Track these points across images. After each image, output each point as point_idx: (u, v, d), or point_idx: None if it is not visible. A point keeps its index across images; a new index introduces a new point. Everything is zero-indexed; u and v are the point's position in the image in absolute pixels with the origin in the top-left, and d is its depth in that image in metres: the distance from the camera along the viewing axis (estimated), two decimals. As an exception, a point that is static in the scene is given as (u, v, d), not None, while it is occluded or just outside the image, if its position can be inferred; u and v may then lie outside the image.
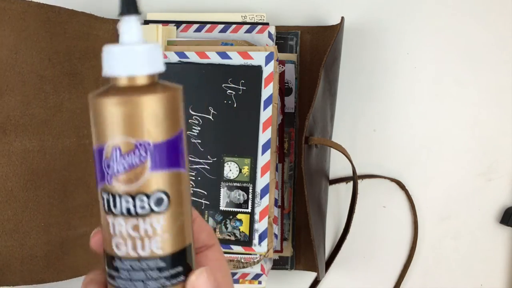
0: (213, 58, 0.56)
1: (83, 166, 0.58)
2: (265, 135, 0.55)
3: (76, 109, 0.57)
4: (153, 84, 0.28)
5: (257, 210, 0.55)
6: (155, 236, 0.28)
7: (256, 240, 0.55)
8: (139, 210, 0.27)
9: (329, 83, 0.57)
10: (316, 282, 0.62)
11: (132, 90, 0.27)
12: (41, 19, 0.53)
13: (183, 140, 0.28)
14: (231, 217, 0.56)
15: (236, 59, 0.56)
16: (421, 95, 0.62)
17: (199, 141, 0.56)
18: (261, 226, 0.55)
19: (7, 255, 0.52)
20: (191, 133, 0.56)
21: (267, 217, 0.55)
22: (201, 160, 0.56)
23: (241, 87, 0.56)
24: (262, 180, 0.55)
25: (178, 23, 0.60)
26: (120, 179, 0.27)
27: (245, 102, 0.55)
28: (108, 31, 0.59)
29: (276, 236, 0.57)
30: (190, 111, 0.57)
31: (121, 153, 0.27)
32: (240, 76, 0.55)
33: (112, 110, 0.26)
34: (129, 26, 0.27)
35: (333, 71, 0.58)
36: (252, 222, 0.55)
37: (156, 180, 0.27)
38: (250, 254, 0.55)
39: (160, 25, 0.57)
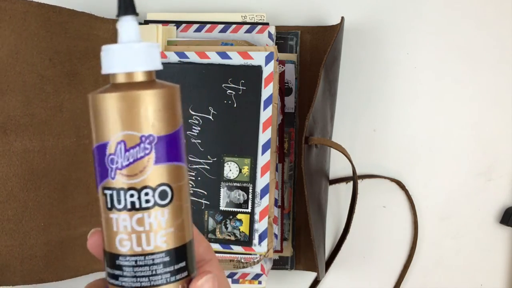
0: (213, 58, 0.56)
1: (83, 166, 0.58)
2: (265, 135, 0.55)
3: (76, 109, 0.57)
4: (152, 81, 0.29)
5: (257, 210, 0.55)
6: (160, 230, 0.28)
7: (256, 240, 0.55)
8: (144, 204, 0.28)
9: (329, 83, 0.57)
10: (316, 282, 0.62)
11: (132, 85, 0.28)
12: (42, 19, 0.53)
13: (183, 136, 0.29)
14: (231, 217, 0.56)
15: (236, 59, 0.56)
16: (421, 95, 0.62)
17: (199, 141, 0.56)
18: (261, 226, 0.55)
19: (7, 255, 0.52)
20: (191, 133, 0.56)
21: (267, 217, 0.55)
22: (201, 160, 0.56)
23: (241, 87, 0.56)
24: (262, 180, 0.55)
25: (178, 23, 0.60)
26: (125, 173, 0.27)
27: (245, 102, 0.55)
28: (108, 31, 0.59)
29: (276, 236, 0.57)
30: (190, 111, 0.57)
31: (126, 147, 0.27)
32: (240, 76, 0.55)
33: (116, 105, 0.27)
34: (127, 26, 0.28)
35: (333, 71, 0.58)
36: (252, 222, 0.55)
37: (160, 173, 0.28)
38: (250, 254, 0.55)
39: (160, 25, 0.57)
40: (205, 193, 0.56)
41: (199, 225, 0.56)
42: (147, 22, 0.60)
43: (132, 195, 0.28)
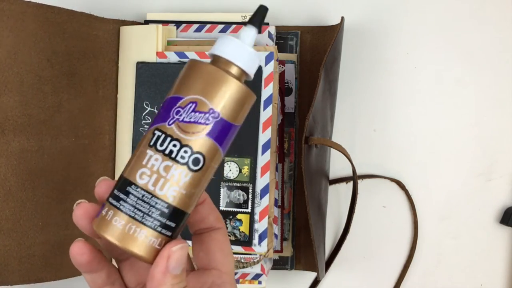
0: (213, 58, 0.56)
1: (81, 166, 0.58)
2: (265, 135, 0.55)
3: (74, 109, 0.57)
4: (241, 79, 0.33)
5: (257, 210, 0.55)
6: (176, 185, 0.31)
7: (256, 240, 0.55)
8: (178, 157, 0.31)
9: (329, 83, 0.57)
10: (316, 282, 0.62)
11: (228, 71, 0.33)
12: (40, 19, 0.53)
13: (234, 135, 0.33)
14: (231, 217, 0.56)
15: (236, 59, 0.56)
16: (421, 95, 0.62)
17: (199, 141, 0.56)
18: (261, 226, 0.55)
19: (5, 254, 0.52)
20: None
21: (267, 217, 0.55)
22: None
23: (241, 87, 0.56)
24: (262, 180, 0.55)
25: (178, 23, 0.59)
26: (181, 126, 0.31)
27: (245, 102, 0.55)
28: (107, 31, 0.59)
29: (276, 236, 0.57)
30: (190, 111, 0.57)
31: (194, 109, 0.31)
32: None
33: (211, 76, 0.32)
34: (249, 33, 0.33)
35: (333, 71, 0.57)
36: (252, 222, 0.55)
37: (205, 144, 0.32)
38: (250, 254, 0.55)
39: (160, 25, 0.57)
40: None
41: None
42: (147, 22, 0.60)
43: (174, 145, 0.31)
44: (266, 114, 0.55)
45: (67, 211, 0.56)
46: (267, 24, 0.58)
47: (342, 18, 0.57)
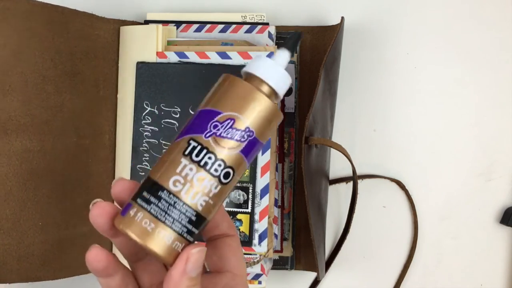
0: (213, 58, 0.56)
1: (83, 166, 0.58)
2: (265, 135, 0.55)
3: (76, 109, 0.57)
4: (272, 98, 0.35)
5: (257, 210, 0.55)
6: (205, 196, 0.33)
7: (256, 240, 0.55)
8: (211, 169, 0.33)
9: (329, 83, 0.57)
10: (316, 282, 0.62)
11: (263, 92, 0.34)
12: (45, 19, 0.53)
13: (260, 150, 0.35)
14: (231, 217, 0.56)
15: (236, 59, 0.56)
16: (421, 95, 0.62)
17: (199, 141, 0.56)
18: (261, 226, 0.55)
19: (4, 253, 0.52)
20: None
21: (267, 217, 0.55)
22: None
23: (241, 87, 0.56)
24: (262, 180, 0.55)
25: (178, 23, 0.60)
26: (218, 141, 0.33)
27: (245, 102, 0.55)
28: (109, 31, 0.59)
29: (276, 236, 0.57)
30: (190, 111, 0.57)
31: (232, 125, 0.33)
32: (240, 76, 0.55)
33: (252, 98, 0.33)
34: (283, 56, 0.35)
35: (333, 71, 0.58)
36: (252, 222, 0.55)
37: (236, 160, 0.33)
38: (250, 254, 0.55)
39: (160, 25, 0.57)
40: (205, 193, 0.56)
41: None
42: (147, 22, 0.60)
43: (210, 158, 0.32)
44: (266, 114, 0.55)
45: (67, 210, 0.56)
46: (267, 24, 0.59)
47: (342, 18, 0.57)
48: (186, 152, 0.33)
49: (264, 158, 0.55)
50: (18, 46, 0.51)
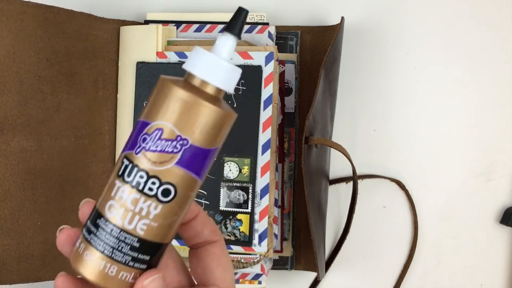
0: (213, 58, 0.56)
1: (80, 166, 0.58)
2: (265, 135, 0.55)
3: (74, 109, 0.57)
4: (218, 99, 0.30)
5: (257, 210, 0.55)
6: (145, 219, 0.29)
7: (256, 240, 0.55)
8: (146, 189, 0.29)
9: (329, 83, 0.57)
10: (316, 282, 0.62)
11: (201, 92, 0.29)
12: (39, 19, 0.53)
13: (213, 157, 0.30)
14: (231, 217, 0.56)
15: (236, 59, 0.56)
16: (421, 95, 0.62)
17: (199, 141, 0.56)
18: (261, 226, 0.55)
19: (4, 253, 0.52)
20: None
21: (267, 217, 0.55)
22: (201, 160, 0.56)
23: (241, 87, 0.56)
24: (262, 180, 0.55)
25: (178, 23, 0.59)
26: (147, 156, 0.29)
27: (245, 102, 0.55)
28: (107, 31, 0.59)
29: (276, 236, 0.57)
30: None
31: (160, 136, 0.29)
32: (240, 76, 0.55)
33: (177, 99, 0.29)
34: (225, 42, 0.30)
35: (333, 71, 0.57)
36: (252, 222, 0.55)
37: (174, 174, 0.29)
38: (250, 254, 0.55)
39: (160, 25, 0.57)
40: (205, 193, 0.56)
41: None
42: (147, 22, 0.60)
43: (141, 177, 0.29)
44: (266, 114, 0.55)
45: (66, 211, 0.56)
46: (267, 24, 0.58)
47: (342, 18, 0.57)
48: (120, 173, 0.30)
49: (264, 158, 0.55)
50: (13, 46, 0.51)
